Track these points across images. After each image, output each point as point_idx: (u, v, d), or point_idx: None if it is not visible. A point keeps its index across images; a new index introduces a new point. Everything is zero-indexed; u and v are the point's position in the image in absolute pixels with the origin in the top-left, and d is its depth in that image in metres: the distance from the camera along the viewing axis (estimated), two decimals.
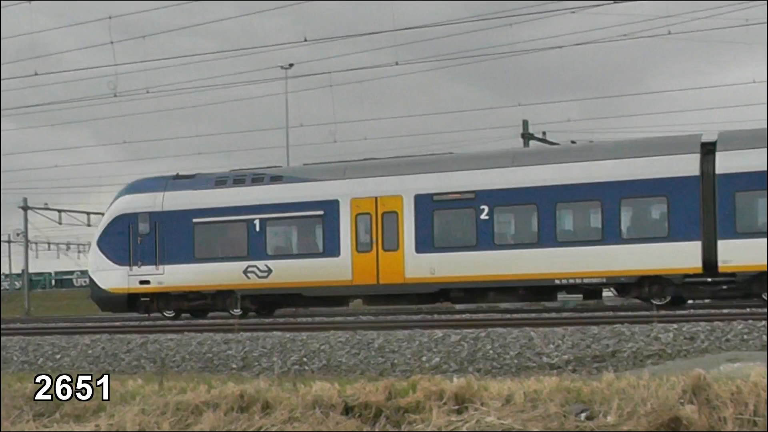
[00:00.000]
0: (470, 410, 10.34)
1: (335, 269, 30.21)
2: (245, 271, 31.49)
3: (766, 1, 27.16)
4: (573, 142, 35.77)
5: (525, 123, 48.41)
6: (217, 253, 32.74)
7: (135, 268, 32.76)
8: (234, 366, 18.49)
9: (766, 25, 22.66)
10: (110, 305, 34.86)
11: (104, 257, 33.87)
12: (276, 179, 32.51)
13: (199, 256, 32.51)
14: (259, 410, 10.86)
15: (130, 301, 33.39)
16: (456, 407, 10.37)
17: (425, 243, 29.31)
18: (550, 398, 10.17)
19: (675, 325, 17.95)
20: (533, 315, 26.49)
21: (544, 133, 47.37)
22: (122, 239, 33.20)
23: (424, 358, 17.65)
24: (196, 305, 33.08)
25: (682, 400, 9.58)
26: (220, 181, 33.44)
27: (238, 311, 32.08)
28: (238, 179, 33.19)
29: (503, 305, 33.51)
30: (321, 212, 30.67)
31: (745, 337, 17.13)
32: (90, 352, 20.89)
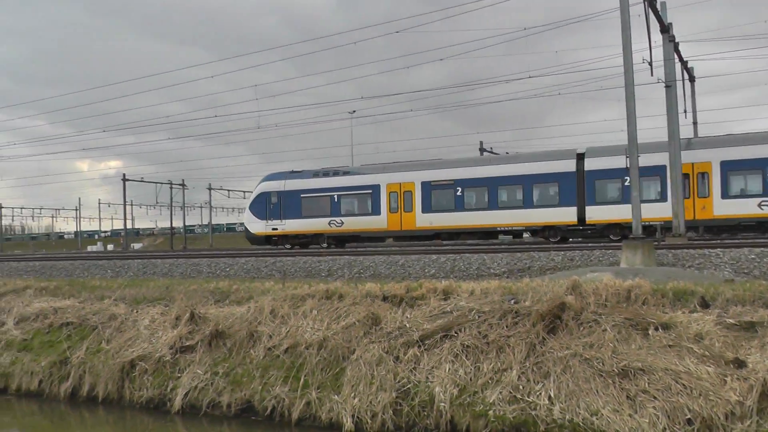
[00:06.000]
0: (451, 298, 13.99)
1: (380, 222, 41.80)
2: (329, 223, 43.41)
3: None
4: (507, 153, 46.78)
5: (481, 143, 62.41)
6: (315, 214, 43.68)
7: (269, 221, 45.05)
8: (323, 274, 22.31)
9: None
10: (256, 242, 46.85)
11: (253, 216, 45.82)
12: (345, 174, 44.05)
13: (304, 215, 44.41)
14: (337, 298, 14.90)
15: (267, 240, 46.12)
16: (444, 297, 14.13)
17: (428, 208, 40.17)
18: (494, 291, 13.89)
19: (562, 252, 22.30)
20: (485, 246, 32.30)
21: (491, 149, 59.18)
22: (262, 206, 45.29)
23: (426, 270, 21.54)
24: (302, 242, 45.06)
25: (566, 293, 13.02)
26: (314, 174, 44.78)
27: (325, 245, 43.97)
28: (322, 173, 44.93)
29: (468, 242, 42.28)
30: (371, 191, 42.32)
31: (601, 258, 21.27)
32: (245, 266, 25.18)
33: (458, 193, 39.95)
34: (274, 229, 45.64)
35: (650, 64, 27.21)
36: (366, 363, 12.73)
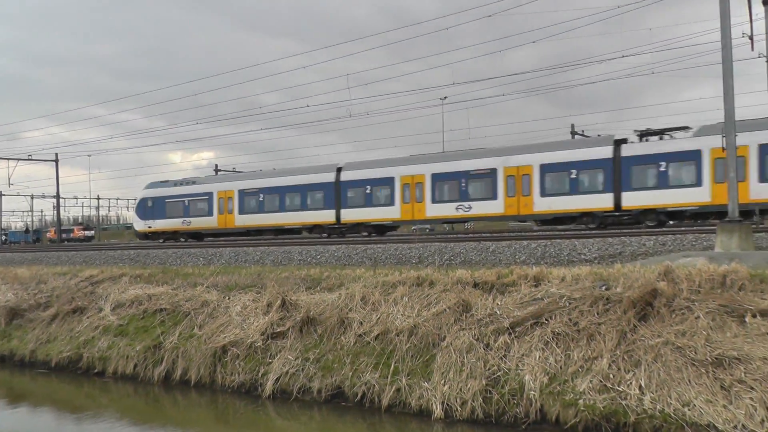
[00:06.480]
0: (542, 285, 13.89)
1: (213, 222, 50.19)
2: (182, 223, 52.03)
3: None
4: (599, 135, 42.35)
5: (572, 125, 58.79)
6: (174, 215, 53.01)
7: (146, 221, 54.99)
8: (414, 261, 22.20)
9: None
10: (140, 237, 56.91)
11: (137, 216, 56.14)
12: (192, 183, 53.03)
13: (167, 216, 53.57)
14: (428, 285, 14.91)
15: (145, 235, 55.67)
16: (535, 283, 14.06)
17: (242, 211, 48.69)
18: (585, 278, 13.70)
19: (654, 237, 22.00)
20: (575, 232, 31.67)
21: (582, 131, 56.85)
22: (142, 209, 55.48)
23: (517, 256, 21.31)
24: (168, 237, 54.18)
25: (658, 279, 12.75)
26: (175, 183, 54.73)
27: (183, 240, 53.01)
28: (180, 183, 54.32)
29: (559, 229, 41.00)
30: (207, 197, 50.81)
31: (694, 243, 20.86)
32: (336, 254, 25.23)
33: (260, 199, 48.54)
34: (149, 227, 55.31)
35: (751, 38, 26.55)
36: (456, 350, 12.79)
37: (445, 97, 57.47)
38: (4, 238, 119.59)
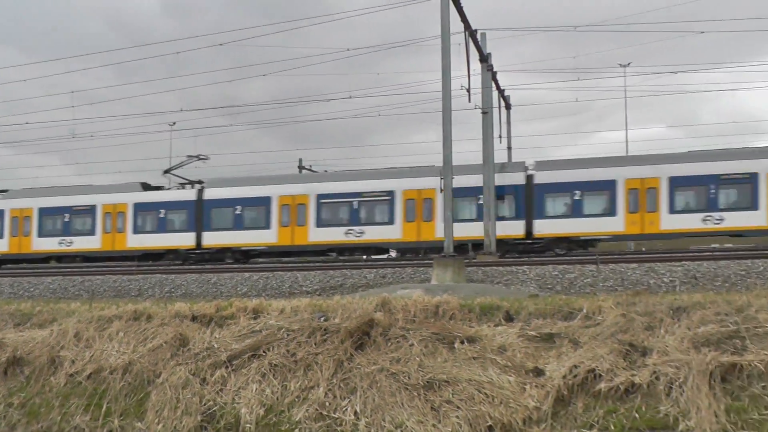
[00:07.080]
0: (261, 317, 13.92)
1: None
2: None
3: None
4: (325, 170, 45.51)
5: (300, 160, 59.15)
6: None
7: None
8: (134, 294, 21.63)
9: None
10: None
11: None
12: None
13: None
14: (145, 319, 14.45)
15: None
16: (254, 316, 14.06)
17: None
18: (304, 309, 13.89)
19: (375, 270, 22.68)
20: (299, 264, 32.16)
21: (310, 166, 57.43)
22: None
23: (239, 288, 21.39)
24: None
25: (375, 309, 13.28)
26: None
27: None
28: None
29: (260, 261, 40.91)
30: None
31: (413, 275, 21.87)
32: (51, 286, 24.03)
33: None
34: None
35: (468, 90, 28.06)
36: (171, 386, 12.42)
37: (174, 123, 56.09)
38: None
